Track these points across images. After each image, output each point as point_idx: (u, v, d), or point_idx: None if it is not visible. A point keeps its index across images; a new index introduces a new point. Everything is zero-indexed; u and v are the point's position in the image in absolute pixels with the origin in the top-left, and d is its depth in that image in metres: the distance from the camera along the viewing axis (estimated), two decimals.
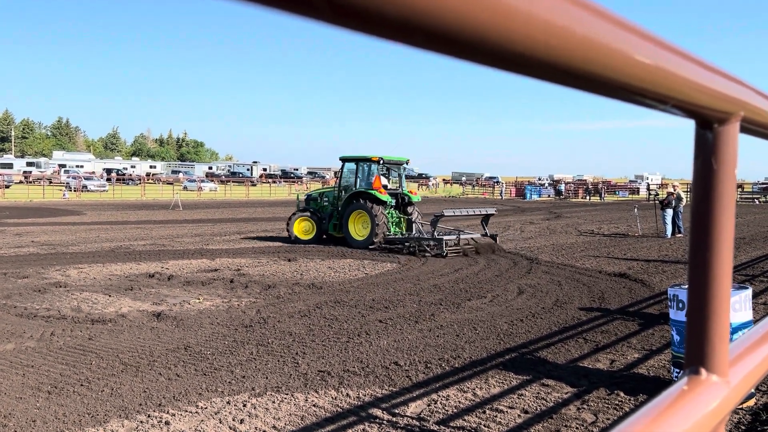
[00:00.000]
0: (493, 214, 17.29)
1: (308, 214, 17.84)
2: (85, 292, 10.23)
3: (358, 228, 17.08)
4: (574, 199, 57.56)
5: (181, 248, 16.21)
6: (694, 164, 0.86)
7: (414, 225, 17.07)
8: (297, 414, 5.18)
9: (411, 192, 18.25)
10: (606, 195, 58.95)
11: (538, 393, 5.71)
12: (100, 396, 5.52)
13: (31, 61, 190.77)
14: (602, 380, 6.06)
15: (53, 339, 7.34)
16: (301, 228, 17.76)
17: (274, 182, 70.28)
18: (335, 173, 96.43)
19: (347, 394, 5.62)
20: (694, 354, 0.84)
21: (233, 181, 71.28)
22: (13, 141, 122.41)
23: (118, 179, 60.67)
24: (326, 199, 18.22)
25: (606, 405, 5.41)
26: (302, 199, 18.77)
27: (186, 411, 5.21)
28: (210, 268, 13.02)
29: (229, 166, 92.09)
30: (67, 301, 9.47)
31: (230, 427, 4.90)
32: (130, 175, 69.55)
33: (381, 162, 17.32)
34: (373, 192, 16.81)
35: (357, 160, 17.76)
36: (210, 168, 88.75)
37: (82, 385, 5.78)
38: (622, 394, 5.65)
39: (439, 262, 13.98)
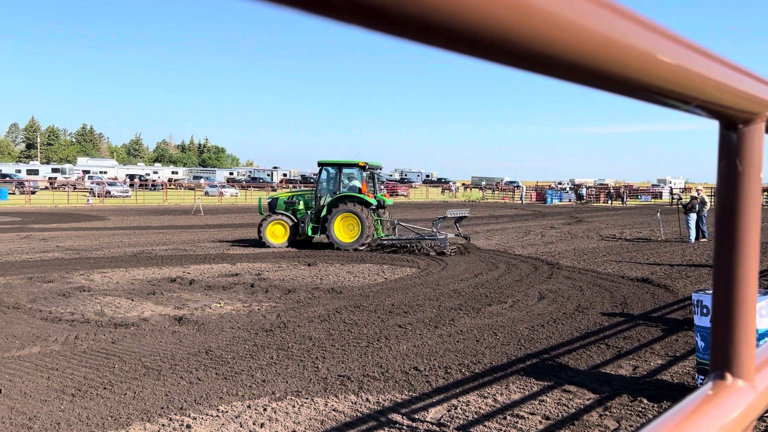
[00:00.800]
0: (466, 216, 18.18)
1: (281, 217, 17.71)
2: (109, 296, 10.36)
3: (344, 231, 17.26)
4: (595, 204, 57.01)
5: (202, 253, 16.35)
6: (718, 166, 0.84)
7: (387, 226, 18.05)
8: (317, 418, 5.19)
9: (385, 196, 19.31)
10: (628, 199, 58.30)
11: (560, 399, 5.65)
12: (122, 399, 5.58)
13: (56, 69, 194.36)
14: (625, 386, 5.98)
15: (77, 342, 7.45)
16: (273, 231, 17.62)
17: (294, 187, 70.59)
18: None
19: (367, 399, 5.62)
20: (720, 358, 0.82)
21: (254, 187, 71.78)
22: (38, 148, 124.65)
23: (140, 185, 61.42)
24: (299, 202, 18.20)
25: (629, 412, 5.33)
26: (265, 204, 18.55)
27: (207, 415, 5.24)
28: (231, 272, 13.11)
29: (250, 172, 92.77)
30: (90, 305, 9.60)
31: (251, 431, 4.92)
32: (153, 180, 70.35)
33: (366, 167, 17.96)
34: (362, 195, 17.45)
35: (340, 165, 18.08)
36: (231, 173, 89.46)
37: (105, 388, 5.85)
38: (645, 400, 5.57)
39: (459, 267, 13.92)
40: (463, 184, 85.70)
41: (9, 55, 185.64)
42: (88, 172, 71.92)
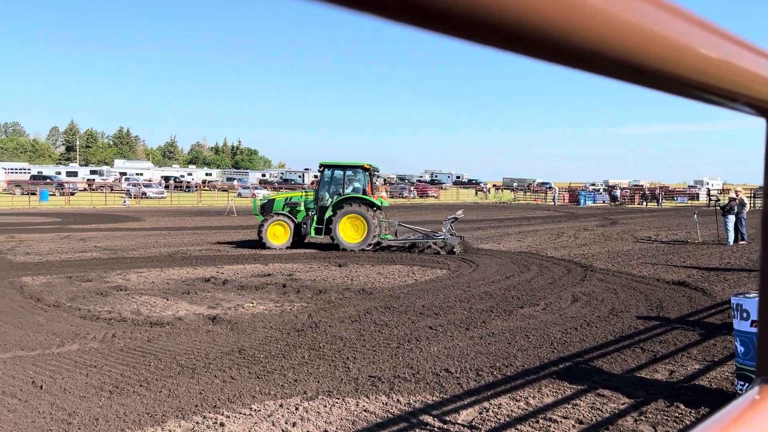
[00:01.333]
0: (458, 218, 18.53)
1: (282, 218, 17.69)
2: (145, 295, 10.56)
3: (349, 231, 17.43)
4: (630, 205, 56.02)
5: (235, 253, 16.56)
6: (765, 164, 0.82)
7: (385, 226, 18.25)
8: (348, 418, 5.20)
9: (383, 198, 19.80)
10: (663, 201, 57.14)
11: (594, 403, 5.57)
12: (158, 396, 5.68)
13: (94, 73, 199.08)
14: (661, 391, 5.86)
15: (114, 340, 7.61)
16: (273, 232, 17.59)
17: None
18: (385, 179, 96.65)
19: (398, 400, 5.62)
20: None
21: (285, 188, 72.39)
22: (77, 150, 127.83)
23: (175, 186, 62.48)
24: (300, 203, 18.19)
25: (665, 417, 5.22)
26: (259, 205, 18.54)
27: (240, 413, 5.31)
28: (263, 273, 13.25)
29: (282, 173, 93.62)
30: (127, 304, 9.80)
31: (283, 430, 4.97)
32: (187, 182, 71.51)
33: (370, 169, 18.40)
34: (367, 197, 17.80)
35: (345, 167, 18.30)
36: (263, 175, 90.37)
37: (141, 385, 5.97)
38: (682, 406, 5.45)
39: (490, 269, 13.83)
40: (494, 185, 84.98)
41: (50, 59, 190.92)
42: (124, 173, 73.39)
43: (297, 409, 5.40)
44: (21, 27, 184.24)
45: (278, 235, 17.61)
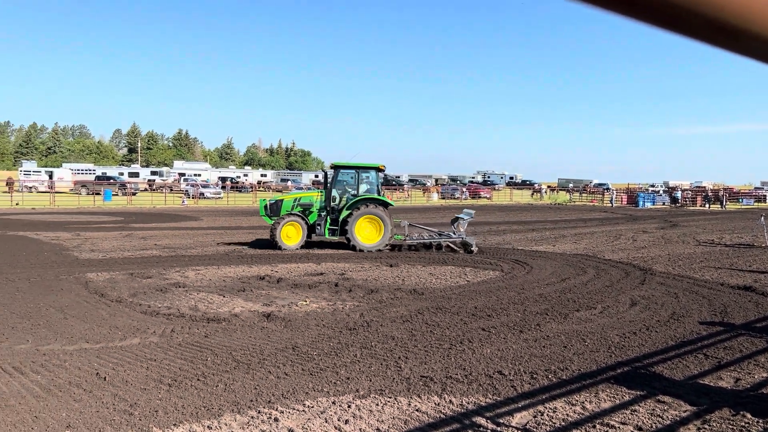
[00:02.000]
0: (461, 219, 18.69)
1: (295, 219, 17.53)
2: (202, 292, 10.84)
3: (365, 232, 17.47)
4: (691, 207, 54.10)
5: (288, 252, 16.80)
6: None
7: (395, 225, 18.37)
8: (400, 417, 5.20)
9: (388, 198, 19.81)
10: (728, 203, 54.91)
11: (654, 410, 5.39)
12: (214, 391, 5.82)
13: (155, 77, 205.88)
14: (725, 399, 5.62)
15: (173, 335, 7.83)
16: (286, 233, 17.42)
17: None
18: (436, 180, 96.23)
19: (450, 401, 5.58)
20: None
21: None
22: (139, 152, 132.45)
23: (231, 187, 63.91)
24: (311, 204, 18.02)
25: (731, 426, 5.01)
26: (267, 205, 18.15)
27: (294, 409, 5.37)
28: (316, 272, 13.40)
29: None
30: (185, 301, 10.08)
31: (335, 427, 5.00)
32: (243, 183, 73.07)
33: (384, 170, 18.55)
34: (383, 198, 18.00)
35: (358, 168, 18.35)
36: (316, 176, 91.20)
37: (198, 379, 6.12)
38: (748, 415, 5.21)
39: (545, 271, 13.58)
40: (549, 186, 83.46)
41: (114, 65, 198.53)
42: (183, 174, 75.54)
43: (349, 406, 5.43)
44: (86, 36, 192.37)
45: (291, 235, 17.49)
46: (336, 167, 18.49)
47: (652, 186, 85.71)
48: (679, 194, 58.64)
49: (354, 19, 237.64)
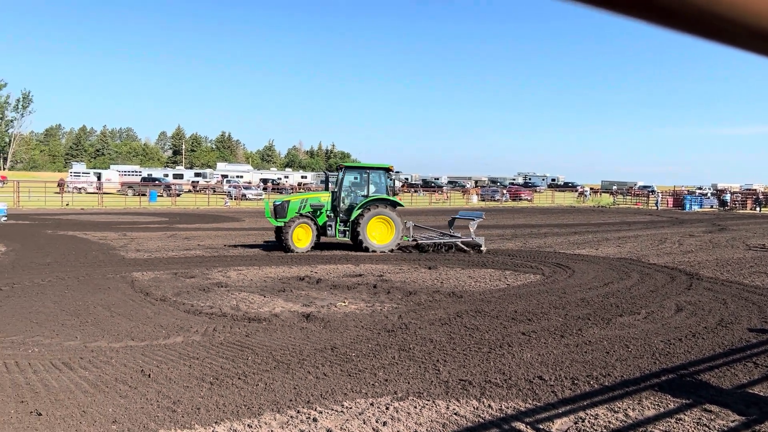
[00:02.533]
0: (456, 218, 19.51)
1: (305, 220, 17.27)
2: (243, 292, 11.01)
3: (376, 233, 17.43)
4: (741, 211, 52.37)
5: (328, 254, 16.92)
6: None
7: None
8: (438, 421, 5.18)
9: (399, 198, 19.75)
10: None
11: (700, 419, 5.24)
12: (255, 390, 5.90)
13: (199, 82, 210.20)
14: None
15: (215, 334, 7.98)
16: (297, 235, 17.14)
17: (415, 191, 71.24)
18: (476, 182, 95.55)
19: (489, 405, 5.53)
20: None
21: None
22: (183, 154, 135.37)
23: (273, 188, 64.73)
24: (323, 206, 17.77)
25: None
26: (274, 207, 17.66)
27: (332, 410, 5.41)
28: (355, 273, 13.46)
29: None
30: (227, 300, 10.25)
31: (374, 429, 5.01)
32: (284, 184, 73.90)
33: (392, 170, 18.57)
34: (393, 198, 18.03)
35: (368, 168, 18.38)
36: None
37: (239, 378, 6.22)
38: None
39: (587, 275, 13.34)
40: (592, 189, 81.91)
41: (158, 69, 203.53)
42: (226, 176, 76.83)
43: (387, 408, 5.44)
44: (133, 42, 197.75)
45: (301, 237, 17.26)
46: (345, 168, 18.39)
47: (700, 188, 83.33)
48: (728, 197, 56.84)
49: (395, 24, 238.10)
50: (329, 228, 17.62)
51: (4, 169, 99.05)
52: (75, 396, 5.65)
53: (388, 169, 18.60)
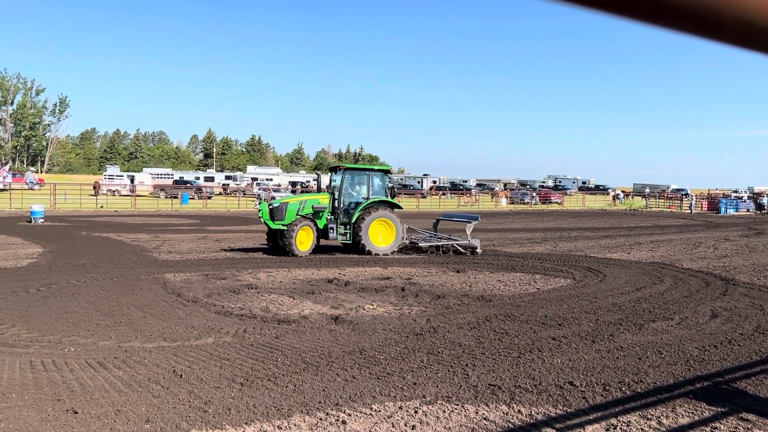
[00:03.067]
0: (440, 219, 20.39)
1: (308, 223, 16.89)
2: (273, 294, 11.10)
3: (377, 236, 17.29)
4: None
5: (356, 256, 16.97)
6: None
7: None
8: (467, 425, 5.15)
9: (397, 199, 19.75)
10: None
11: (736, 428, 5.12)
12: (284, 391, 5.94)
13: (230, 86, 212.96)
14: None
15: (245, 336, 8.06)
16: (300, 239, 16.70)
17: (443, 194, 71.04)
18: (505, 184, 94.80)
19: (519, 411, 5.48)
20: None
21: (404, 193, 73.14)
22: (214, 157, 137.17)
23: (302, 191, 65.16)
24: (325, 208, 17.36)
25: None
26: (268, 209, 17.10)
27: (361, 412, 5.42)
28: (383, 276, 13.47)
29: (401, 179, 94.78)
30: (257, 302, 10.35)
31: None
32: (312, 187, 74.29)
33: (391, 172, 18.54)
34: (393, 200, 18.01)
35: (368, 170, 18.43)
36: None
37: (269, 379, 6.27)
38: None
39: (619, 280, 13.14)
40: (623, 191, 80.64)
41: (190, 73, 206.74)
42: (256, 179, 77.53)
43: (416, 412, 5.43)
44: (165, 48, 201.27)
45: (303, 240, 16.81)
46: (345, 169, 18.26)
47: (735, 192, 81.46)
48: (765, 200, 55.44)
49: (421, 26, 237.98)
50: (331, 231, 17.33)
51: (41, 172, 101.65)
52: (109, 395, 5.76)
53: (387, 171, 18.79)
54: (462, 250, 17.99)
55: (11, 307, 9.52)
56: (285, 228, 16.81)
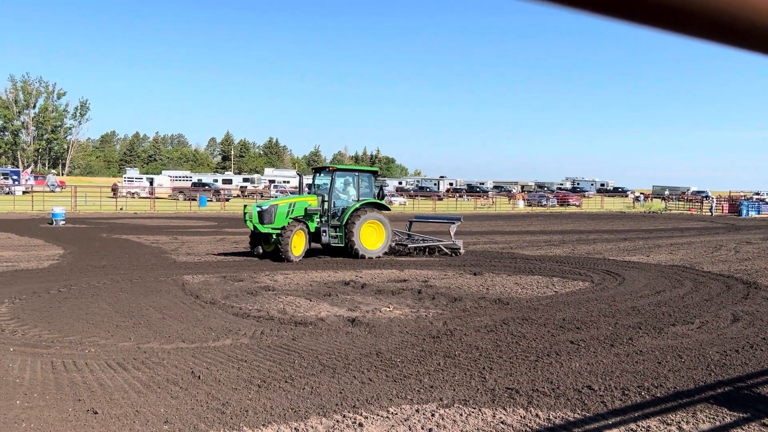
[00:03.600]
0: (413, 221, 21.09)
1: (302, 227, 16.25)
2: (290, 296, 11.15)
3: (369, 238, 16.95)
4: None
5: (372, 259, 16.97)
6: None
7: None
8: (485, 429, 5.13)
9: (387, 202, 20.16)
10: None
11: None
12: (301, 393, 5.96)
13: (247, 89, 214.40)
14: None
15: (263, 337, 8.10)
16: (294, 243, 15.98)
17: (460, 196, 70.87)
18: (522, 186, 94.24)
19: (537, 415, 5.44)
20: None
21: (421, 196, 73.17)
22: (232, 159, 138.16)
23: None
24: (316, 210, 16.70)
25: None
26: (255, 213, 16.31)
27: (378, 415, 5.42)
28: (399, 278, 13.46)
29: (418, 181, 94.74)
30: (274, 304, 10.39)
31: None
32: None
33: (378, 174, 18.46)
34: (382, 202, 17.79)
35: (358, 171, 18.17)
36: (400, 183, 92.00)
37: (286, 381, 6.29)
38: None
39: (638, 283, 13.01)
40: (642, 194, 79.81)
41: (209, 77, 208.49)
42: (273, 181, 77.96)
43: (433, 415, 5.41)
44: (183, 51, 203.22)
45: (296, 245, 16.06)
46: (336, 170, 17.76)
47: (758, 194, 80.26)
48: None
49: (440, 27, 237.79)
50: (323, 233, 16.71)
51: (62, 174, 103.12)
52: (129, 396, 5.82)
53: (375, 173, 18.70)
54: (447, 251, 18.10)
55: (33, 308, 9.66)
56: (277, 232, 16.13)
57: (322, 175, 18.48)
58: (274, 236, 16.28)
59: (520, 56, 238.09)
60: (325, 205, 17.12)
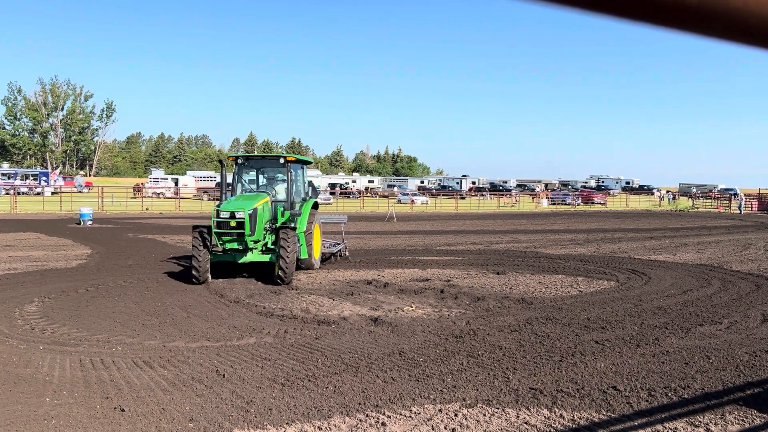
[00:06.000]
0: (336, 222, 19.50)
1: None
2: (313, 295, 11.20)
3: (318, 244, 14.65)
4: None
5: (395, 258, 16.98)
6: None
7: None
8: (508, 429, 5.10)
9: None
10: None
11: None
12: (324, 392, 5.99)
13: (271, 90, 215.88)
14: None
15: (286, 336, 8.15)
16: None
17: (483, 195, 70.51)
18: (546, 185, 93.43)
19: (561, 415, 5.40)
20: None
21: (443, 195, 73.01)
22: None
23: (340, 193, 65.62)
24: (295, 213, 13.74)
25: None
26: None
27: (400, 414, 5.42)
28: (422, 277, 13.44)
29: (440, 180, 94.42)
30: (297, 303, 10.45)
31: None
32: (351, 189, 74.73)
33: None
34: (315, 200, 14.87)
35: (304, 162, 15.05)
36: (422, 182, 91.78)
37: (309, 380, 6.33)
38: None
39: (664, 282, 12.82)
40: (668, 191, 78.59)
41: (233, 79, 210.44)
42: None
43: (456, 415, 5.40)
44: (208, 53, 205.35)
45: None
46: (287, 161, 13.74)
47: None
48: None
49: (463, 27, 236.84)
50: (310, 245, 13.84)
51: (89, 175, 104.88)
52: (155, 394, 5.90)
53: (308, 163, 15.50)
54: (347, 256, 16.81)
55: (62, 307, 9.84)
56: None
57: (247, 165, 14.46)
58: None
59: (543, 54, 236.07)
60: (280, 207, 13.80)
